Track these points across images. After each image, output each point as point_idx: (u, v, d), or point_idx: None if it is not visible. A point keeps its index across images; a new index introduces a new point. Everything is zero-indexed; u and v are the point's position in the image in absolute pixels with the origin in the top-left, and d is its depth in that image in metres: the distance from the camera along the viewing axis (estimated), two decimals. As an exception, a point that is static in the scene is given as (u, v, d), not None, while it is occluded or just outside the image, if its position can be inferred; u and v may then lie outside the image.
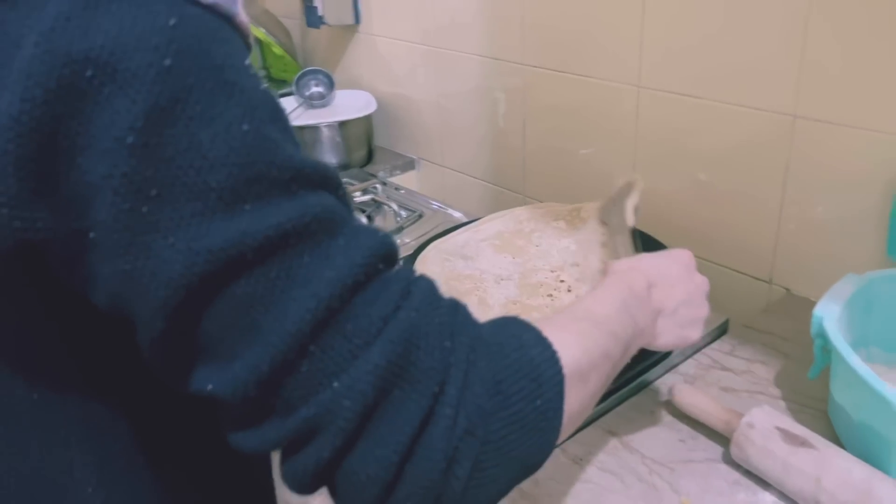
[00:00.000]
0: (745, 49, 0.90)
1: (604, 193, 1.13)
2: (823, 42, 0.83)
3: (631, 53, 1.02)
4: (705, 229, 1.02)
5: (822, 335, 0.67)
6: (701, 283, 0.68)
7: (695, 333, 0.64)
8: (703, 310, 0.66)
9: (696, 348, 0.86)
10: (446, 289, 0.88)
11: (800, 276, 0.94)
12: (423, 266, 0.94)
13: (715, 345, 0.86)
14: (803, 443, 0.63)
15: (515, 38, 1.18)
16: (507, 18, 1.17)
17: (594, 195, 1.15)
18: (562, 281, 0.89)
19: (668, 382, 0.80)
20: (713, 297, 1.01)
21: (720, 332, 0.90)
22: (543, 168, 1.23)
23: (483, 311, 0.85)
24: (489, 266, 0.93)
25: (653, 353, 0.84)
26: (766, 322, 0.89)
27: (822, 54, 0.83)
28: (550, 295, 0.87)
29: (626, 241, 0.81)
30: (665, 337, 0.62)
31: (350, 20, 1.47)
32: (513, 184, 1.30)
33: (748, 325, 0.89)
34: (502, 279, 0.90)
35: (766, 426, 0.65)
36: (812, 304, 0.91)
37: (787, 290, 0.96)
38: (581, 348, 0.47)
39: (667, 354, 0.85)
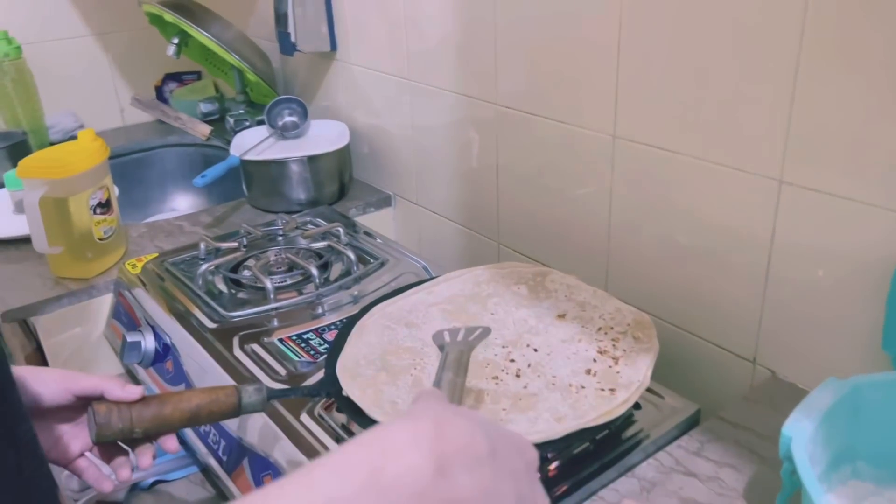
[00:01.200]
0: (727, 104, 0.80)
1: (576, 248, 1.04)
2: (814, 102, 0.72)
3: (605, 101, 0.92)
4: (683, 296, 0.92)
5: (791, 459, 0.56)
6: (541, 500, 0.44)
7: None
8: None
9: (661, 444, 0.75)
10: (381, 364, 0.79)
11: (787, 357, 0.83)
12: (360, 334, 0.84)
13: (682, 440, 0.75)
14: None
15: (489, 77, 1.08)
16: (481, 56, 1.08)
17: (568, 246, 1.05)
18: (512, 360, 0.79)
19: (621, 489, 0.70)
20: (693, 374, 0.92)
21: (690, 423, 0.79)
22: (517, 213, 1.13)
23: (418, 387, 0.75)
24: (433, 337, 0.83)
25: (606, 451, 0.74)
26: (744, 413, 0.79)
27: (813, 116, 0.73)
28: (496, 378, 0.77)
29: (456, 381, 0.65)
30: None
31: (325, 48, 1.39)
32: (486, 229, 1.20)
33: (722, 417, 0.78)
34: None
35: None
36: (799, 392, 0.81)
37: (773, 372, 0.85)
38: None
39: (626, 451, 0.74)
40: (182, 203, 1.80)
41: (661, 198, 0.90)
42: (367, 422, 0.71)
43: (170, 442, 0.68)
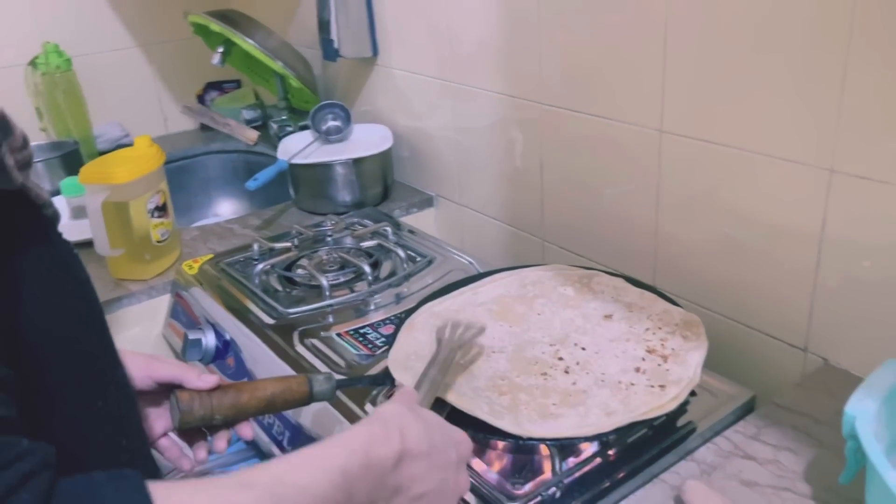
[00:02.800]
0: (776, 95, 0.81)
1: (623, 243, 1.05)
2: (864, 91, 0.74)
3: (652, 96, 0.94)
4: (733, 286, 0.93)
5: (855, 437, 0.58)
6: (463, 483, 0.59)
7: None
8: None
9: (717, 430, 0.77)
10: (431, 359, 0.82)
11: (839, 344, 0.84)
12: (409, 331, 0.87)
13: (739, 425, 0.77)
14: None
15: (533, 76, 1.10)
16: (525, 56, 1.10)
17: (614, 242, 1.07)
18: (560, 359, 0.81)
19: (682, 472, 0.71)
20: (745, 364, 0.93)
21: (745, 410, 0.80)
22: (562, 210, 1.15)
23: (469, 381, 0.77)
24: (482, 336, 0.85)
25: (664, 436, 0.75)
26: (799, 399, 0.80)
27: (863, 104, 0.74)
28: (545, 374, 0.78)
29: (437, 379, 0.72)
30: None
31: (367, 53, 1.42)
32: (530, 226, 1.22)
33: (777, 403, 0.79)
34: (494, 351, 0.82)
35: (786, 545, 0.56)
36: (852, 378, 0.82)
37: (825, 360, 0.86)
38: None
39: (684, 436, 0.76)
40: (224, 208, 1.84)
41: (709, 191, 0.92)
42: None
43: (246, 429, 0.71)
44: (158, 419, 0.72)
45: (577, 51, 1.03)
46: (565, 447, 0.73)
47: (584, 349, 0.82)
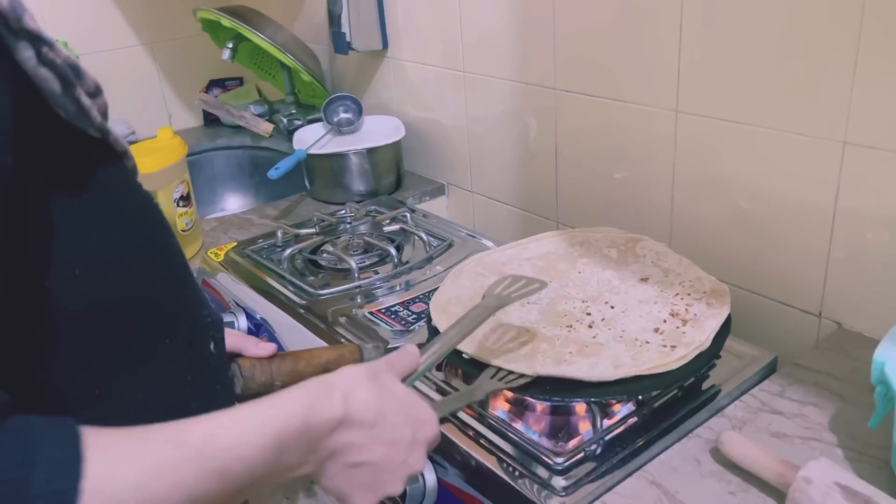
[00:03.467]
0: (789, 72, 0.86)
1: (638, 221, 1.10)
2: (876, 64, 0.78)
3: (668, 77, 0.98)
4: (748, 258, 0.97)
5: (885, 381, 0.62)
6: (415, 463, 0.56)
7: (360, 501, 0.54)
8: (386, 487, 0.55)
9: (744, 389, 0.81)
10: (471, 304, 0.86)
11: (852, 309, 0.89)
12: (455, 278, 0.93)
13: (764, 385, 0.81)
14: (867, 501, 0.58)
15: (547, 62, 1.14)
16: (539, 42, 1.14)
17: (629, 221, 1.11)
18: (588, 314, 0.85)
19: (715, 427, 0.75)
20: (761, 331, 0.98)
21: (769, 370, 0.85)
22: (577, 193, 1.19)
23: (498, 330, 0.82)
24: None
25: (694, 397, 0.80)
26: (818, 360, 0.84)
27: (875, 77, 0.79)
28: (570, 326, 0.83)
29: (453, 339, 0.70)
30: (332, 482, 0.53)
31: (378, 45, 1.45)
32: (545, 210, 1.26)
33: (798, 364, 0.84)
34: (529, 302, 0.87)
35: (824, 481, 0.60)
36: (866, 339, 0.87)
37: (839, 324, 0.90)
38: (135, 494, 0.39)
39: (713, 396, 0.80)
40: (232, 203, 1.87)
41: (724, 168, 0.96)
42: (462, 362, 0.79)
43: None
44: None
45: (591, 35, 1.07)
46: (604, 406, 0.77)
47: (612, 307, 0.86)
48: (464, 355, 0.79)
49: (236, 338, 0.72)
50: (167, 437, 0.43)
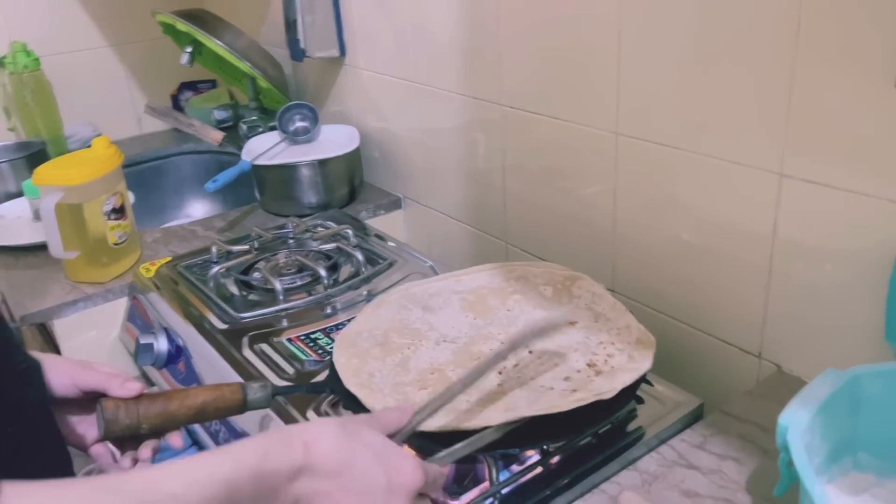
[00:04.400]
0: (726, 99, 0.80)
1: (582, 246, 1.04)
2: (811, 95, 0.72)
3: (608, 99, 0.93)
4: (688, 290, 0.92)
5: (787, 449, 0.56)
6: None
7: None
8: None
9: (662, 439, 0.76)
10: (382, 339, 0.81)
11: (791, 350, 0.83)
12: (376, 308, 0.87)
13: (685, 434, 0.76)
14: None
15: (494, 79, 1.09)
16: (486, 58, 1.09)
17: (574, 244, 1.06)
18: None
19: (623, 481, 0.70)
20: (700, 369, 0.92)
21: (694, 417, 0.79)
22: (524, 213, 1.14)
23: (400, 373, 0.76)
24: (443, 323, 0.84)
25: (608, 445, 0.74)
26: (749, 407, 0.79)
27: (812, 107, 0.73)
28: None
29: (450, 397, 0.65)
30: None
31: (335, 52, 1.40)
32: (494, 228, 1.21)
33: (725, 411, 0.78)
34: (445, 341, 0.81)
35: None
36: (805, 385, 0.81)
37: (778, 366, 0.84)
38: None
39: (629, 444, 0.75)
40: (198, 209, 1.83)
41: (664, 194, 0.91)
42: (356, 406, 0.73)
43: (175, 438, 0.69)
44: (91, 427, 0.70)
45: (536, 55, 1.01)
46: (508, 456, 0.72)
47: (530, 352, 0.81)
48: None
49: (101, 376, 0.68)
50: (107, 484, 0.41)
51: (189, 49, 1.54)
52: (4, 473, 0.52)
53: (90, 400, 0.69)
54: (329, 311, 1.02)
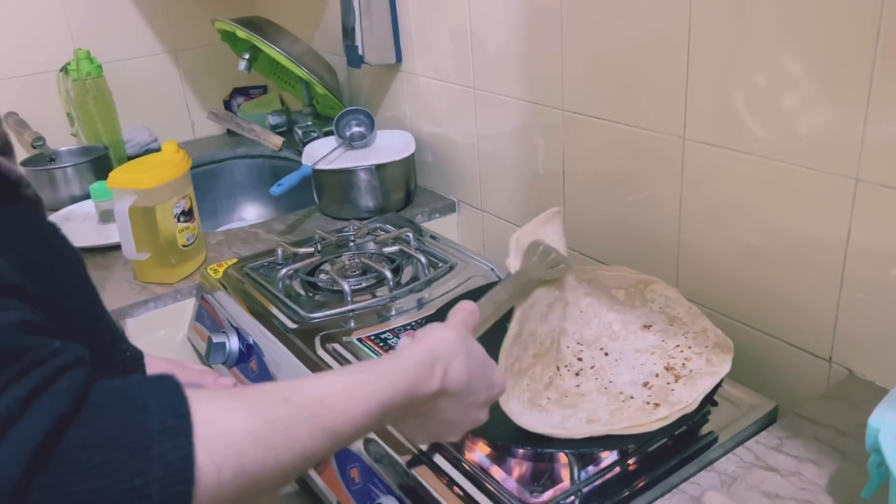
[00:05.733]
0: (800, 104, 0.80)
1: (645, 250, 1.05)
2: (889, 98, 0.73)
3: (676, 103, 0.93)
4: (756, 295, 0.92)
5: (878, 450, 0.57)
6: (481, 418, 0.63)
7: (420, 441, 0.70)
8: (448, 437, 0.63)
9: (739, 441, 0.76)
10: None
11: (864, 355, 0.83)
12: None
13: (761, 436, 0.76)
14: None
15: (556, 83, 1.11)
16: (548, 63, 1.11)
17: (637, 247, 1.06)
18: (579, 359, 0.81)
19: (703, 483, 0.71)
20: (768, 374, 0.92)
21: (768, 420, 0.80)
22: (584, 217, 1.15)
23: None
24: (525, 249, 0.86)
25: (685, 447, 0.75)
26: (823, 411, 0.79)
27: (888, 112, 0.73)
28: (557, 368, 0.79)
29: (502, 301, 0.72)
30: (406, 428, 0.62)
31: (391, 59, 1.43)
32: (553, 233, 1.22)
33: (800, 414, 0.78)
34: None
35: (807, 558, 0.55)
36: (878, 389, 0.81)
37: (850, 371, 0.85)
38: (253, 448, 0.41)
39: (706, 446, 0.76)
40: (250, 213, 1.87)
41: (732, 199, 0.91)
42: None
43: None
44: None
45: (600, 57, 1.03)
46: (584, 456, 0.73)
47: (606, 354, 0.82)
48: None
49: (195, 374, 0.70)
50: (277, 394, 0.44)
51: (247, 56, 1.58)
52: None
53: None
54: (394, 312, 1.04)
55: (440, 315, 0.91)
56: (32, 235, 0.51)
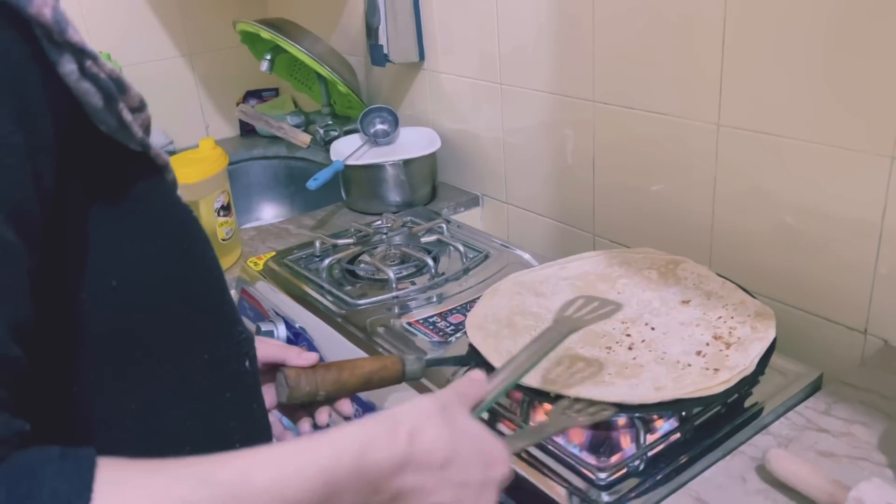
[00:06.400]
0: (834, 85, 0.85)
1: (677, 236, 1.09)
2: (926, 79, 0.77)
3: (709, 91, 0.98)
4: (792, 273, 0.96)
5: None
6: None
7: None
8: None
9: (788, 406, 0.80)
10: (506, 322, 0.86)
11: (899, 326, 0.87)
12: (492, 296, 0.92)
13: (809, 402, 0.80)
14: (922, 524, 0.57)
15: (585, 74, 1.14)
16: (578, 54, 1.14)
17: (668, 234, 1.10)
18: (628, 335, 0.84)
19: (760, 444, 0.74)
20: (805, 348, 0.96)
21: (813, 388, 0.84)
22: (614, 206, 1.18)
23: (565, 361, 0.81)
24: (559, 306, 0.89)
25: (740, 411, 0.79)
26: (864, 378, 0.83)
27: (925, 91, 0.78)
28: (609, 348, 0.82)
29: (523, 364, 0.66)
30: None
31: (415, 57, 1.46)
32: (581, 222, 1.26)
33: (844, 381, 0.83)
34: None
35: (877, 502, 0.59)
36: (916, 357, 0.86)
37: (885, 341, 0.89)
38: None
39: (757, 413, 0.79)
40: (268, 212, 1.89)
41: (767, 182, 0.95)
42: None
43: (346, 405, 0.74)
44: (266, 395, 0.75)
45: (632, 47, 1.06)
46: (646, 422, 0.77)
47: (653, 329, 0.85)
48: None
49: (278, 348, 0.73)
50: (196, 472, 0.39)
51: (268, 56, 1.60)
52: (218, 436, 0.56)
53: (266, 371, 0.74)
54: (436, 299, 1.07)
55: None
56: (176, 219, 0.54)
